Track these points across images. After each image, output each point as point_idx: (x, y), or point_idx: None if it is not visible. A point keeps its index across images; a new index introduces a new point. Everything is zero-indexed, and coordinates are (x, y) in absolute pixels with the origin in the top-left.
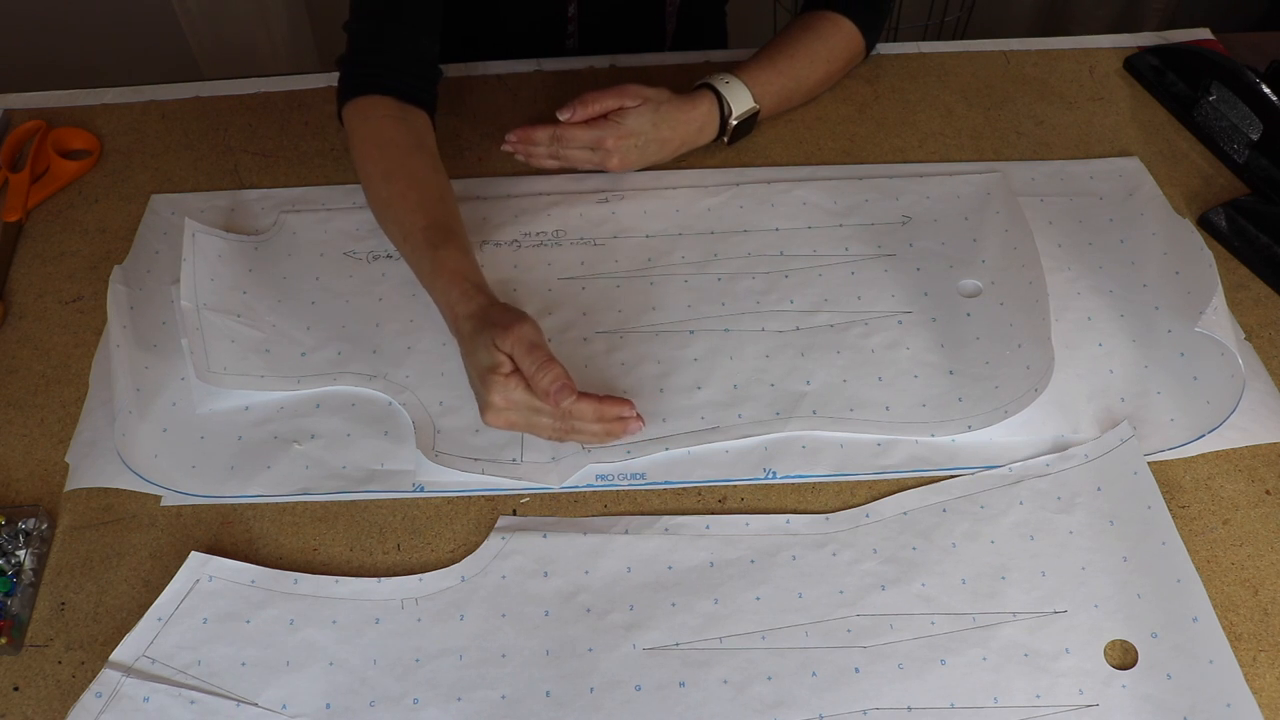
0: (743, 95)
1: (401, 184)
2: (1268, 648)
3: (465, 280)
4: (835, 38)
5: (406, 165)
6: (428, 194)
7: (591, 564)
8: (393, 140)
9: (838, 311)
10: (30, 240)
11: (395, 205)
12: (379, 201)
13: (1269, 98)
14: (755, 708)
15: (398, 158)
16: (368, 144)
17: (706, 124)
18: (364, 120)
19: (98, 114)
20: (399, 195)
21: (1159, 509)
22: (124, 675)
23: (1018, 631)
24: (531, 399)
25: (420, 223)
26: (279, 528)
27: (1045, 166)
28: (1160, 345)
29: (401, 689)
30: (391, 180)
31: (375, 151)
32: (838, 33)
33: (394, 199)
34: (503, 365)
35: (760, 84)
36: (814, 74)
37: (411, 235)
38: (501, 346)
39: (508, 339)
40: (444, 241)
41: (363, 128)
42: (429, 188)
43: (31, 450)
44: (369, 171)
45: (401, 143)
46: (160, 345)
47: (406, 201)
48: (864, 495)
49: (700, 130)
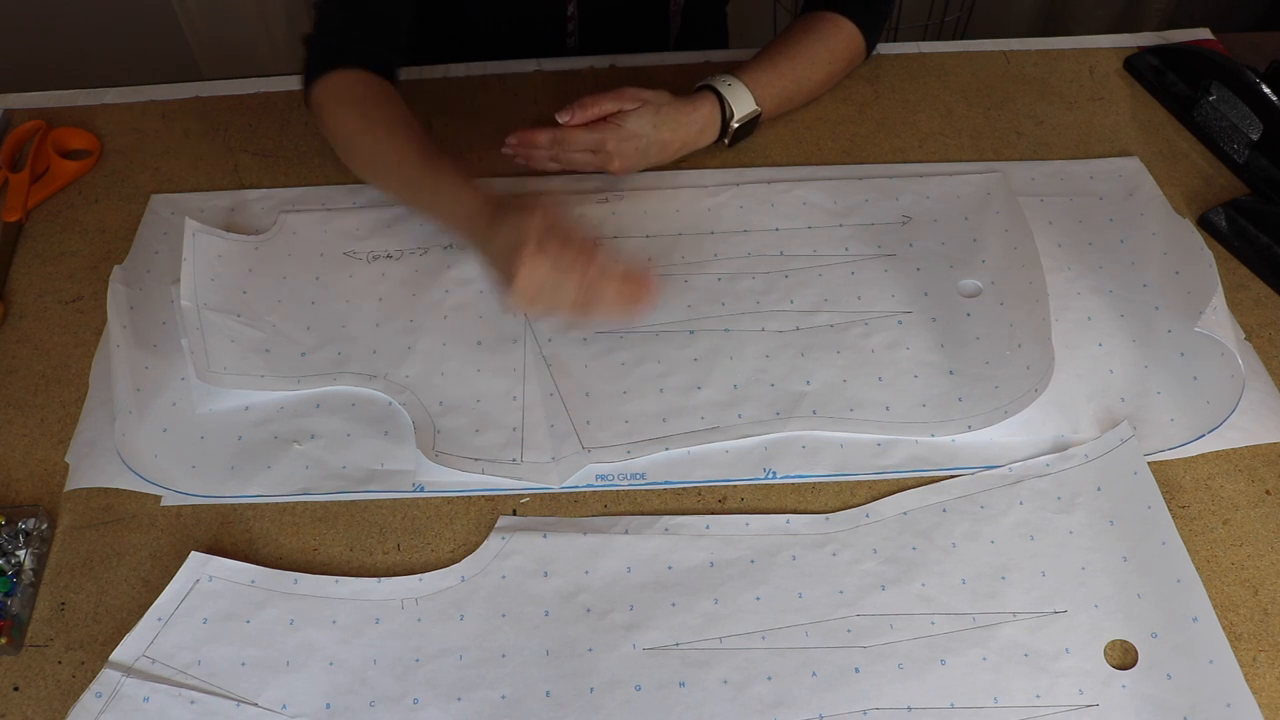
0: (744, 97)
1: (384, 126)
2: (1268, 648)
3: (470, 184)
4: (836, 39)
5: (385, 111)
6: (411, 131)
7: (591, 564)
8: (366, 96)
9: (838, 311)
10: (30, 240)
11: (382, 146)
12: (362, 149)
13: (1269, 98)
14: (755, 708)
15: (374, 107)
16: (342, 104)
17: (707, 126)
18: (335, 90)
19: (98, 114)
20: (384, 136)
21: (1159, 509)
22: (124, 675)
23: (1018, 631)
24: (555, 272)
25: (410, 153)
26: (279, 528)
27: (1045, 166)
28: (1160, 345)
29: (401, 689)
30: (373, 126)
31: (351, 107)
32: (838, 34)
33: (379, 141)
34: (530, 238)
35: (762, 86)
36: (815, 75)
37: (402, 166)
38: (531, 219)
39: (534, 216)
40: (437, 161)
41: (334, 95)
42: (411, 126)
43: (31, 450)
44: (347, 126)
45: (376, 95)
46: (160, 345)
47: (393, 138)
48: (864, 495)
49: (701, 132)
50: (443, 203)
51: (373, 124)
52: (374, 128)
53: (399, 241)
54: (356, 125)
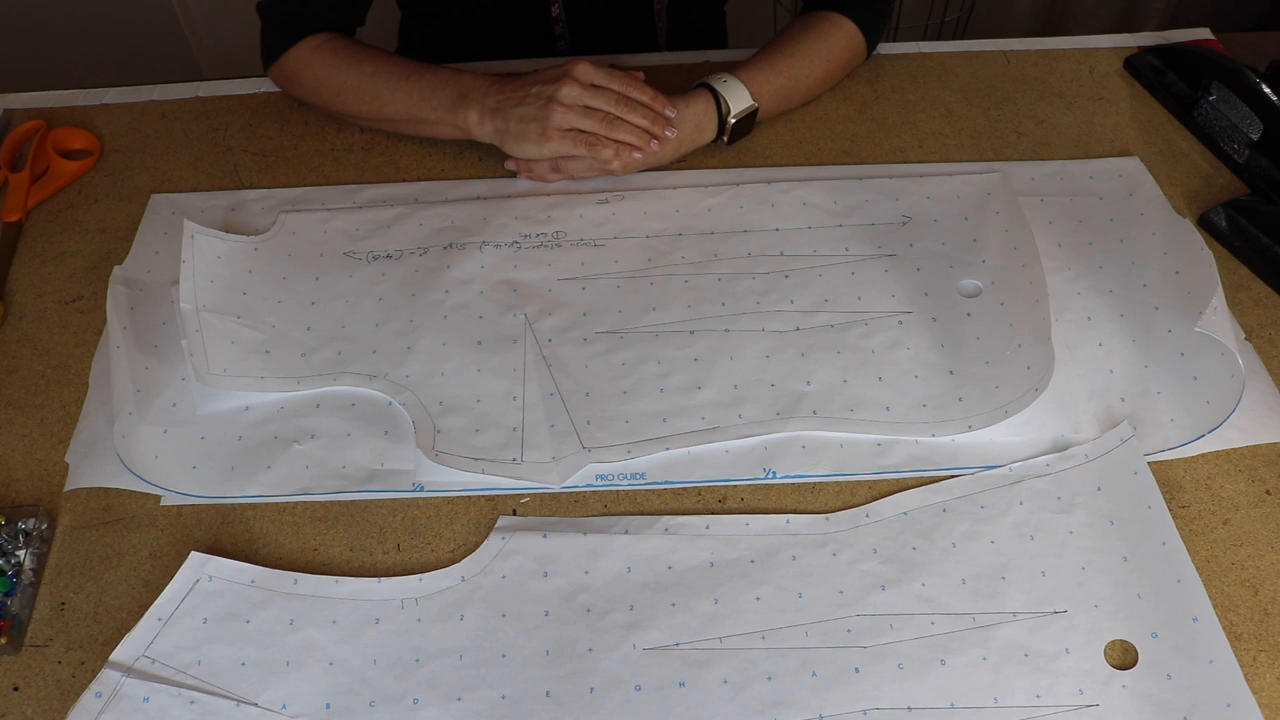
0: (741, 93)
1: (375, 60)
2: (1268, 648)
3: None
4: (835, 37)
5: (370, 52)
6: (387, 55)
7: (591, 564)
8: (344, 48)
9: (838, 311)
10: (30, 240)
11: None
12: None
13: (1269, 98)
14: (755, 708)
15: (357, 51)
16: (326, 59)
17: (705, 123)
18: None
19: (98, 114)
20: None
21: (1159, 509)
22: (124, 675)
23: (1018, 631)
24: (598, 76)
25: (394, 66)
26: (279, 528)
27: (1045, 166)
28: (1160, 345)
29: (401, 689)
30: (361, 62)
31: (336, 58)
32: (838, 32)
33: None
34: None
35: (759, 83)
36: (813, 73)
37: (410, 73)
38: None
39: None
40: (423, 66)
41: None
42: (385, 53)
43: (31, 450)
44: (337, 73)
45: (355, 44)
46: (160, 346)
47: (387, 63)
48: (864, 495)
49: (699, 129)
50: (463, 80)
51: (360, 61)
52: (363, 64)
53: (399, 241)
54: (344, 67)
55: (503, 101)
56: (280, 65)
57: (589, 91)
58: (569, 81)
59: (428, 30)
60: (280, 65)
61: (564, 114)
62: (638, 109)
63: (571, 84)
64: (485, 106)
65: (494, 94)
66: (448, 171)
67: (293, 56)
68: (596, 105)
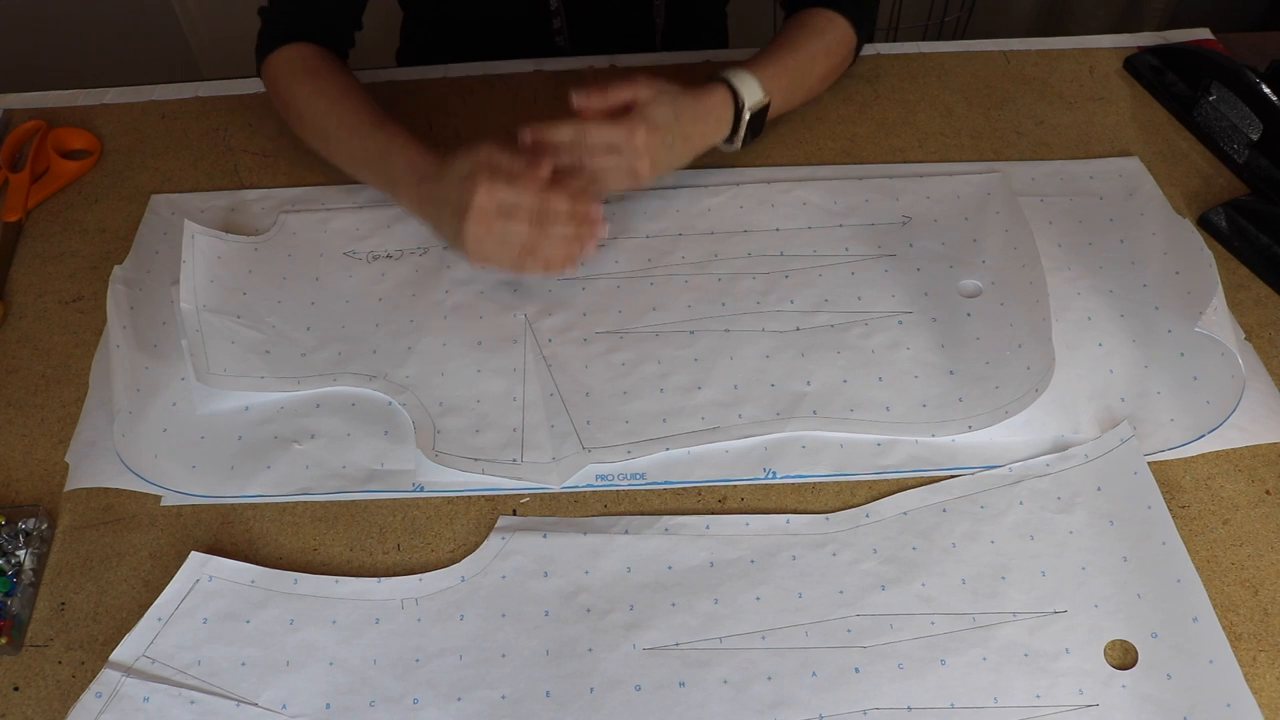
0: (754, 87)
1: (336, 93)
2: (1268, 648)
3: (420, 143)
4: (831, 34)
5: (336, 80)
6: (363, 97)
7: (591, 564)
8: (319, 69)
9: (838, 312)
10: (30, 240)
11: (334, 111)
12: (315, 115)
13: (1269, 98)
14: (755, 708)
15: (326, 75)
16: (295, 76)
17: (723, 117)
18: (288, 62)
19: (98, 114)
20: (336, 101)
21: (1159, 509)
22: (124, 675)
23: (1018, 631)
24: (511, 192)
25: (362, 115)
26: (279, 528)
27: (1045, 166)
28: (1160, 345)
29: (401, 689)
30: (324, 93)
31: (304, 76)
32: (832, 29)
33: (332, 107)
34: (485, 164)
35: (769, 78)
36: (816, 70)
37: (356, 127)
38: (478, 148)
39: (482, 145)
40: (388, 122)
41: (288, 67)
42: (362, 94)
43: (31, 450)
44: (299, 94)
45: (327, 68)
46: (160, 345)
47: (346, 101)
48: (864, 495)
49: (718, 123)
50: (395, 160)
51: (323, 92)
52: (324, 95)
53: (399, 241)
54: (307, 92)
55: (424, 198)
56: (264, 69)
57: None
58: (479, 195)
59: (429, 29)
60: (264, 69)
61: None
62: (560, 220)
63: (482, 199)
64: (411, 197)
65: (418, 184)
66: None
67: (272, 62)
68: (512, 227)
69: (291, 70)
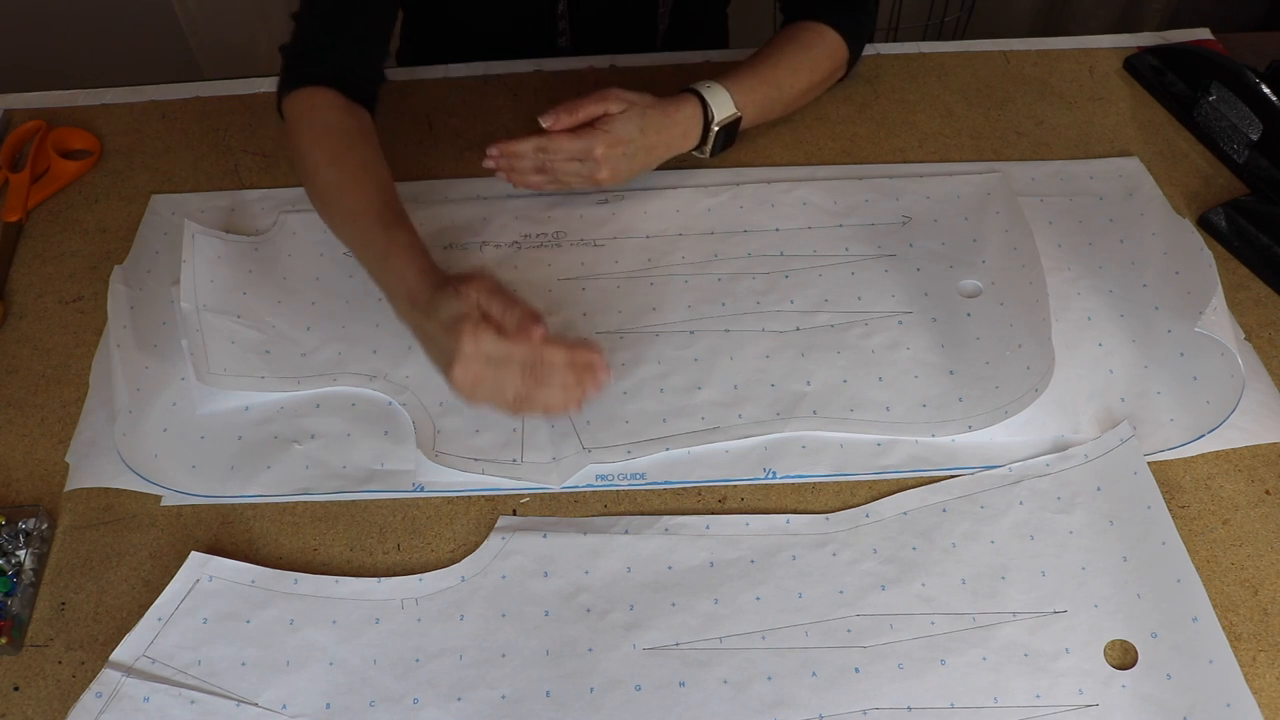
0: (725, 101)
1: (352, 169)
2: (1268, 648)
3: (422, 257)
4: (819, 48)
5: (356, 152)
6: (379, 181)
7: (591, 564)
8: (341, 127)
9: (838, 312)
10: (30, 240)
11: (346, 191)
12: (326, 186)
13: (1269, 98)
14: (755, 708)
15: (347, 144)
16: (314, 129)
17: (690, 129)
18: (310, 108)
19: (98, 114)
20: (351, 181)
21: (1159, 509)
22: (124, 675)
23: (1018, 631)
24: (500, 345)
25: (372, 207)
26: (279, 528)
27: (1045, 166)
28: (1160, 345)
29: (401, 689)
30: (341, 166)
31: (323, 137)
32: (821, 43)
33: (345, 185)
34: (471, 312)
35: (743, 91)
36: (797, 84)
37: (361, 218)
38: (467, 293)
39: (472, 285)
40: (396, 223)
41: (308, 115)
42: (379, 176)
43: (31, 450)
44: (315, 157)
45: (350, 130)
46: (160, 345)
47: (359, 186)
48: (864, 495)
49: (684, 135)
50: (389, 271)
51: (339, 162)
52: (340, 166)
53: None
54: (324, 158)
55: (414, 325)
56: (283, 108)
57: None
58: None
59: (430, 30)
60: (283, 108)
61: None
62: (555, 371)
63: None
64: (402, 315)
65: (410, 309)
66: (448, 171)
67: (291, 104)
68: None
69: (310, 120)
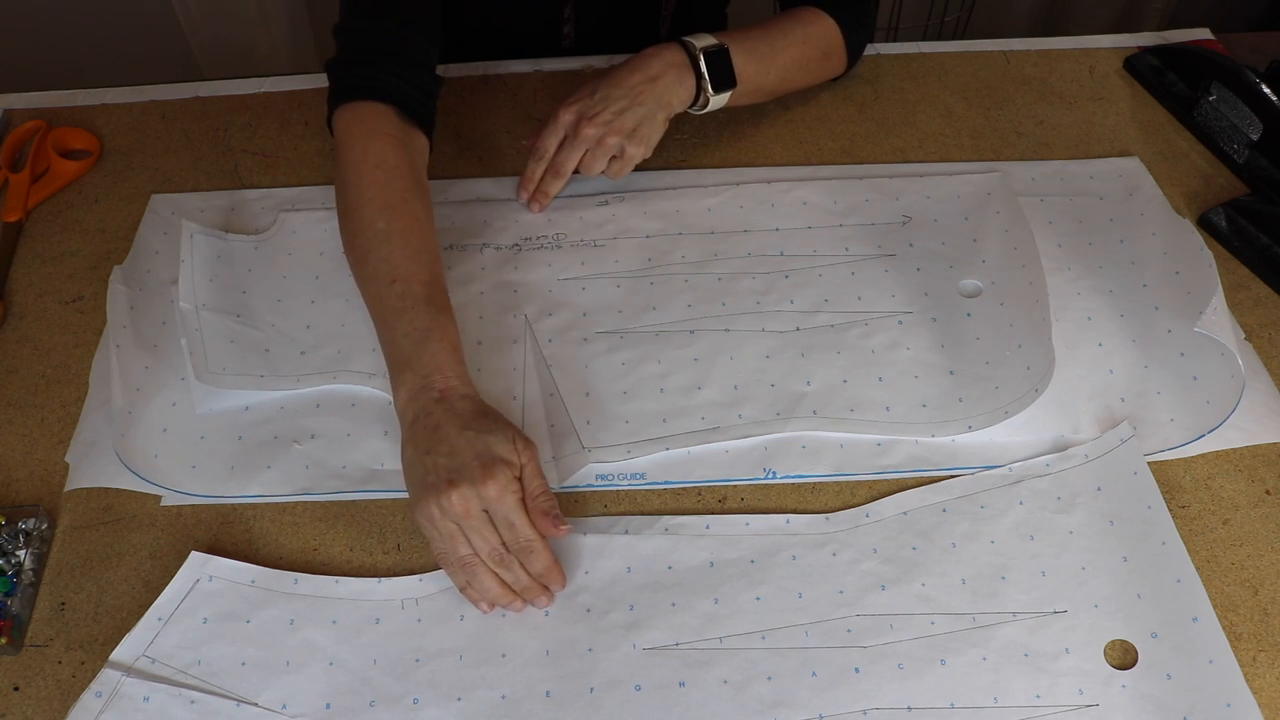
0: (704, 38)
1: (403, 223)
2: (1268, 648)
3: (459, 354)
4: (813, 25)
5: (409, 205)
6: (428, 245)
7: (591, 564)
8: (396, 168)
9: (838, 312)
10: (30, 240)
11: (394, 247)
12: (370, 234)
13: (1269, 98)
14: (755, 708)
15: (400, 193)
16: (368, 163)
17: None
18: (364, 132)
19: (98, 114)
20: (399, 237)
21: (1159, 509)
22: (124, 675)
23: (1018, 631)
24: (516, 514)
25: (421, 275)
26: (279, 528)
27: (1045, 166)
28: (1160, 345)
29: (401, 689)
30: (392, 216)
31: (378, 175)
32: (817, 21)
33: (393, 238)
34: (514, 465)
35: (726, 37)
36: (789, 50)
37: (410, 288)
38: (522, 451)
39: (530, 449)
40: (444, 308)
41: (362, 142)
42: (428, 238)
43: (31, 450)
44: (366, 196)
45: (405, 173)
46: (160, 345)
47: (408, 247)
48: (864, 495)
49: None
50: (425, 354)
51: (391, 213)
52: (392, 218)
53: None
54: (376, 201)
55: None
56: (333, 123)
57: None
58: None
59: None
60: (333, 123)
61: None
62: (518, 568)
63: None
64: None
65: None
66: (448, 171)
67: (342, 118)
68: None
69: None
